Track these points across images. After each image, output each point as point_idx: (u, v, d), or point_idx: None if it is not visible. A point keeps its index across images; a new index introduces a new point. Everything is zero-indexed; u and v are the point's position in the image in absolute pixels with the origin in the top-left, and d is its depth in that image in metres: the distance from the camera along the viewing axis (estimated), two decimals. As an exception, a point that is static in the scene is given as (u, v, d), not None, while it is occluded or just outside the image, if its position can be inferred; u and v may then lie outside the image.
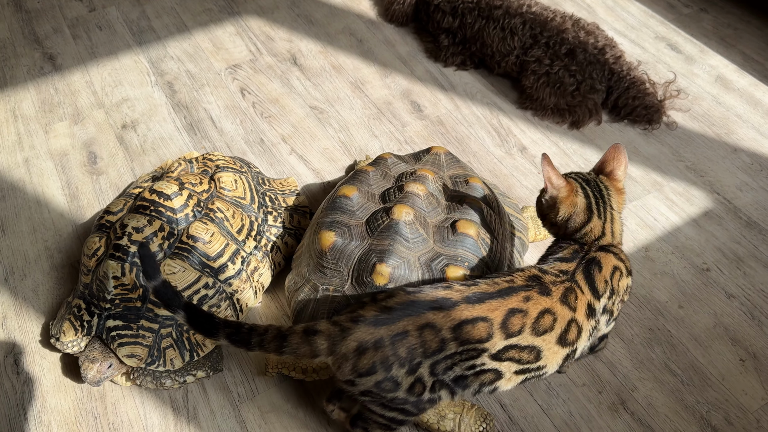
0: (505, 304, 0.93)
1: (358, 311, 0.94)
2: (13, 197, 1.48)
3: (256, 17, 1.96)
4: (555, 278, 0.98)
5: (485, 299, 0.93)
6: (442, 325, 0.91)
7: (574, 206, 1.04)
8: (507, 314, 0.93)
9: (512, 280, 0.97)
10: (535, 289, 0.95)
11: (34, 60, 1.82)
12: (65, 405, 1.16)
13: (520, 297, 0.94)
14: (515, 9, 1.69)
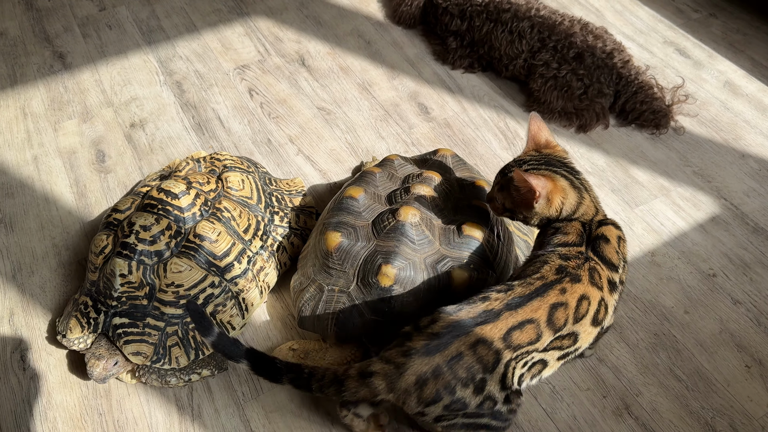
0: (545, 302, 0.93)
1: (407, 344, 0.93)
2: (21, 194, 1.49)
3: (265, 18, 1.97)
4: (578, 262, 0.97)
5: (525, 302, 0.93)
6: (492, 338, 0.91)
7: (564, 191, 1.03)
8: (550, 311, 0.93)
9: (543, 276, 0.96)
10: (567, 279, 0.95)
11: (44, 58, 1.83)
12: (71, 401, 1.16)
13: (556, 291, 0.94)
14: (523, 12, 1.70)
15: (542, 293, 0.94)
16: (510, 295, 0.94)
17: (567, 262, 0.97)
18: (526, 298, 0.94)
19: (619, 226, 1.05)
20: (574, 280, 0.96)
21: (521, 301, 0.93)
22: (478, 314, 0.93)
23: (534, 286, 0.95)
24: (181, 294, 1.12)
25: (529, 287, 0.95)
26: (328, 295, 1.16)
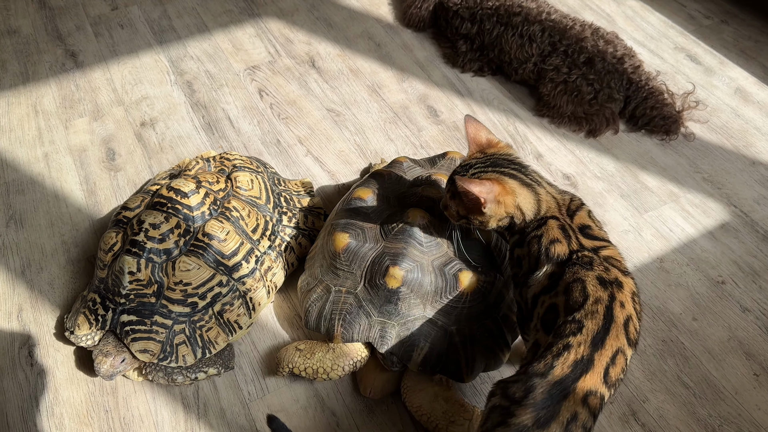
0: (618, 324, 0.88)
1: (510, 421, 0.83)
2: (32, 191, 1.50)
3: (276, 19, 1.98)
4: (599, 264, 0.93)
5: (605, 334, 0.87)
6: (596, 385, 0.84)
7: (514, 192, 0.99)
8: (625, 330, 0.88)
9: (597, 299, 0.89)
10: (613, 286, 0.91)
11: (56, 56, 1.85)
12: (77, 398, 1.17)
13: (618, 306, 0.89)
14: (534, 16, 1.69)
15: (611, 317, 0.88)
16: (588, 334, 0.87)
17: (594, 268, 0.93)
18: (603, 330, 0.87)
19: (581, 202, 1.02)
20: (617, 285, 0.91)
21: (602, 335, 0.87)
22: (573, 367, 0.84)
23: (601, 314, 0.88)
24: (189, 292, 1.12)
25: (597, 317, 0.88)
26: (335, 295, 1.16)
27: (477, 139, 1.08)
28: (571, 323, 0.88)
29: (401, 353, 1.10)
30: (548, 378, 0.83)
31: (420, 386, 1.12)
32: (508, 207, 0.99)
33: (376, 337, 1.11)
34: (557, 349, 0.86)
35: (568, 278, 0.93)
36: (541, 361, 0.85)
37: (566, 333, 0.87)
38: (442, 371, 1.10)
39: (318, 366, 1.13)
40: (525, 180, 1.01)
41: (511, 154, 1.06)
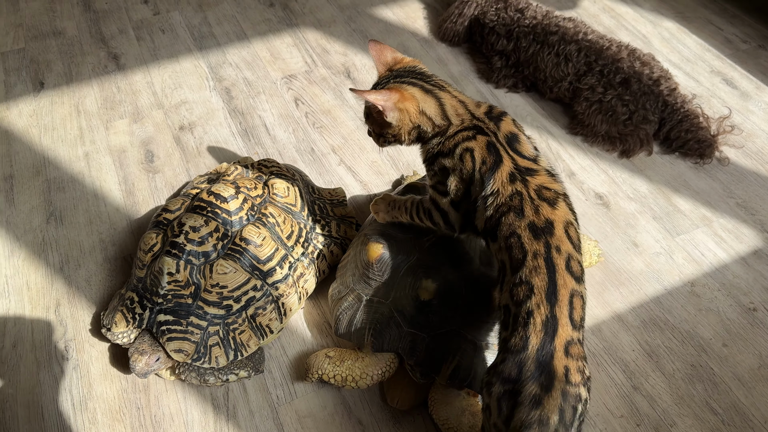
0: (561, 272, 0.91)
1: (520, 399, 0.85)
2: (72, 189, 1.54)
3: (314, 30, 2.01)
4: (529, 204, 0.94)
5: (555, 289, 0.89)
6: (569, 335, 0.88)
7: (414, 98, 1.00)
8: (569, 272, 0.91)
9: (535, 252, 0.91)
10: (545, 237, 0.92)
11: (99, 58, 1.89)
12: (110, 394, 1.19)
13: (555, 255, 0.91)
14: (571, 36, 1.70)
15: (552, 267, 0.90)
16: (540, 293, 0.89)
17: (526, 213, 0.93)
18: (551, 283, 0.89)
19: (501, 111, 1.03)
20: (548, 231, 0.92)
21: (552, 288, 0.89)
22: (544, 329, 0.87)
23: (543, 268, 0.90)
24: (225, 295, 1.15)
25: (541, 272, 0.90)
26: (366, 305, 1.18)
27: (383, 59, 1.09)
28: (520, 285, 0.91)
29: (430, 365, 1.11)
30: (529, 349, 0.87)
31: (448, 399, 1.12)
32: (412, 115, 1.00)
33: (406, 348, 1.12)
34: (523, 319, 0.89)
35: (505, 231, 0.94)
36: (516, 336, 0.89)
37: (522, 298, 0.90)
38: (471, 385, 1.11)
39: (347, 374, 1.15)
40: (426, 87, 1.02)
41: (416, 65, 1.08)
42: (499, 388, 0.88)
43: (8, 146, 1.63)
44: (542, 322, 0.88)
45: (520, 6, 1.82)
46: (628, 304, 1.34)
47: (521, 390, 0.86)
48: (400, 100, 1.00)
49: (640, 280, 1.38)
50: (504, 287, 0.94)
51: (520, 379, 0.86)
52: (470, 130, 1.00)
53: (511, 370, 0.87)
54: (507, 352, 0.89)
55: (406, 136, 1.04)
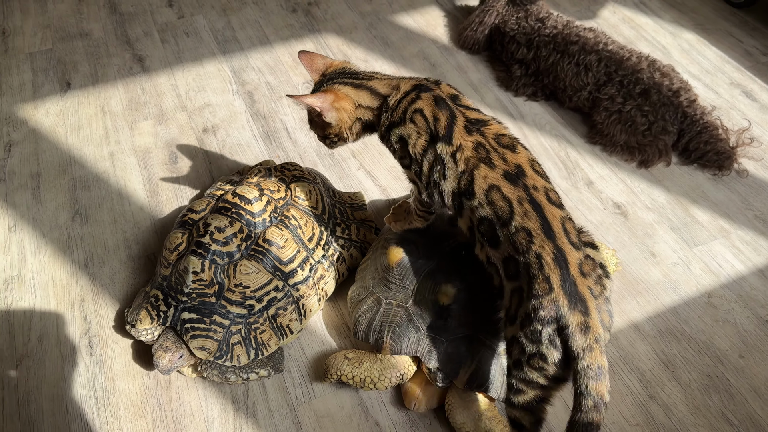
0: (546, 206, 0.97)
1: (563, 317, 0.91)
2: (97, 188, 1.57)
3: (335, 36, 2.03)
4: (495, 154, 0.99)
5: (548, 225, 0.95)
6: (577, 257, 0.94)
7: (347, 96, 1.07)
8: (549, 202, 0.98)
9: (519, 198, 0.96)
10: (521, 180, 0.98)
11: (124, 60, 1.93)
12: (133, 389, 1.22)
13: (535, 193, 0.97)
14: (591, 46, 1.71)
15: (538, 206, 0.96)
16: (539, 233, 0.94)
17: (495, 164, 0.98)
18: (543, 221, 0.95)
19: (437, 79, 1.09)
20: (521, 173, 0.98)
21: (546, 226, 0.94)
22: (557, 263, 0.92)
23: (531, 210, 0.95)
24: (248, 295, 1.17)
25: (531, 215, 0.95)
26: (385, 308, 1.20)
27: (314, 66, 1.16)
28: (518, 233, 0.95)
29: (448, 369, 1.12)
30: (555, 288, 0.91)
31: (465, 404, 1.13)
32: (348, 111, 1.09)
33: (424, 352, 1.14)
34: (536, 263, 0.93)
35: (482, 186, 0.98)
36: (538, 281, 0.92)
37: (526, 244, 0.94)
38: (488, 390, 1.12)
39: (366, 375, 1.16)
40: (356, 82, 1.09)
41: (345, 66, 1.14)
42: (547, 331, 0.92)
43: (35, 145, 1.67)
44: (553, 260, 0.93)
45: (541, 15, 1.84)
46: (644, 313, 1.34)
47: (568, 324, 0.91)
48: (335, 100, 1.08)
49: (657, 289, 1.38)
50: (501, 240, 0.97)
51: (563, 315, 0.91)
52: (411, 92, 1.05)
53: (550, 311, 0.91)
54: (537, 298, 0.92)
55: (348, 133, 1.13)
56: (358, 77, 1.11)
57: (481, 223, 0.99)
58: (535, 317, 0.92)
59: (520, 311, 0.95)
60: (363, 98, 1.09)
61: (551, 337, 0.92)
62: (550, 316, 0.92)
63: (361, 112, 1.10)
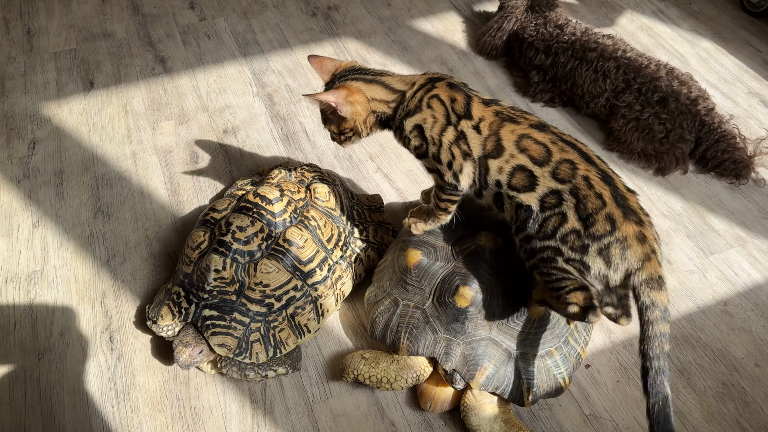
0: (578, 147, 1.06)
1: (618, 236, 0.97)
2: (119, 186, 1.59)
3: (354, 40, 2.05)
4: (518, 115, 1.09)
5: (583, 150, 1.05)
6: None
7: (360, 90, 1.12)
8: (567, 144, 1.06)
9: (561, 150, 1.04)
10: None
11: (146, 61, 1.96)
12: (152, 385, 1.24)
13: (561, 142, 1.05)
14: (610, 53, 1.72)
15: (570, 142, 1.05)
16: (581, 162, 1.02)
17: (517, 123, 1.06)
18: (578, 152, 1.03)
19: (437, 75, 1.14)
20: (546, 127, 1.07)
21: (582, 154, 1.03)
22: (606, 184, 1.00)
23: (565, 145, 1.04)
24: (267, 293, 1.19)
25: (567, 149, 1.03)
26: (402, 309, 1.21)
27: (325, 68, 1.20)
28: (561, 164, 1.01)
29: (464, 372, 1.13)
30: (607, 203, 0.98)
31: (480, 406, 1.14)
32: (362, 104, 1.13)
33: (441, 353, 1.15)
34: (585, 183, 0.99)
35: (512, 138, 1.04)
36: (589, 200, 0.98)
37: (570, 173, 1.00)
38: (504, 393, 1.13)
39: (382, 375, 1.17)
40: (367, 78, 1.15)
41: (354, 65, 1.19)
42: (597, 245, 0.97)
43: (59, 142, 1.70)
44: (601, 179, 1.00)
45: (560, 22, 1.85)
46: (660, 320, 1.35)
47: (626, 236, 0.96)
48: (348, 95, 1.12)
49: (673, 297, 1.39)
50: (539, 180, 1.02)
51: (618, 227, 0.96)
52: (426, 84, 1.11)
53: (605, 225, 0.96)
54: (588, 218, 0.97)
55: (363, 127, 1.17)
56: (369, 73, 1.16)
57: (513, 175, 1.04)
58: (586, 232, 0.97)
59: (563, 228, 0.99)
60: (376, 92, 1.14)
61: (603, 249, 0.97)
62: (604, 230, 0.96)
63: (375, 105, 1.14)
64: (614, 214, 0.97)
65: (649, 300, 0.95)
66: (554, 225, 1.00)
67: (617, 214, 0.97)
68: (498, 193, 1.06)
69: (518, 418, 1.19)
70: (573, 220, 0.98)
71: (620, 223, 0.97)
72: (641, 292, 0.95)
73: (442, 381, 1.18)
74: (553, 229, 1.00)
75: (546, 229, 1.00)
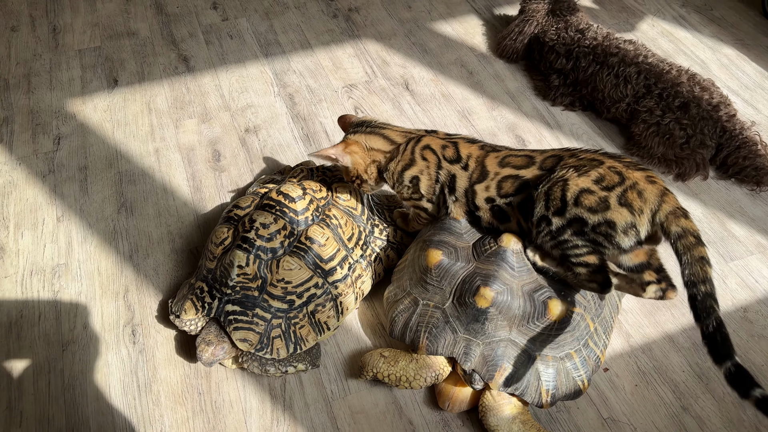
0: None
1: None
2: (142, 182, 1.62)
3: (374, 42, 2.07)
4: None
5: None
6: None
7: (357, 143, 1.25)
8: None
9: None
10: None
11: (170, 60, 1.98)
12: (174, 378, 1.25)
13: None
14: (631, 58, 1.72)
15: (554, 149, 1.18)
16: (569, 151, 1.15)
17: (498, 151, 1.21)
18: (564, 149, 1.17)
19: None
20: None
21: (570, 149, 1.16)
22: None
23: (549, 150, 1.18)
24: (289, 290, 1.20)
25: (549, 151, 1.17)
26: (422, 308, 1.22)
27: (345, 126, 1.34)
28: (547, 159, 1.14)
29: (483, 372, 1.14)
30: (623, 172, 1.05)
31: (498, 407, 1.15)
32: (360, 154, 1.25)
33: (460, 353, 1.16)
34: (595, 163, 1.07)
35: (494, 162, 1.18)
36: (607, 176, 1.05)
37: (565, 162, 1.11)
38: (523, 394, 1.14)
39: (401, 374, 1.18)
40: (368, 129, 1.27)
41: (363, 119, 1.31)
42: (614, 194, 1.03)
43: (84, 138, 1.73)
44: (588, 160, 1.08)
45: (581, 27, 1.85)
46: (679, 325, 1.35)
47: (636, 181, 1.03)
48: (346, 146, 1.26)
49: (692, 302, 1.38)
50: (526, 177, 1.13)
51: (626, 176, 1.04)
52: (418, 138, 1.25)
53: (612, 177, 1.04)
54: (591, 172, 1.05)
55: (366, 175, 1.28)
56: (371, 125, 1.29)
57: (500, 187, 1.15)
58: (599, 186, 1.03)
59: (569, 193, 1.04)
60: (374, 142, 1.26)
61: (619, 196, 1.01)
62: (614, 181, 1.02)
63: (374, 154, 1.26)
64: (616, 167, 1.04)
65: (679, 229, 0.97)
66: (561, 191, 1.05)
67: (619, 167, 1.05)
68: (495, 207, 1.17)
69: (536, 419, 1.19)
70: (578, 180, 1.04)
71: (626, 172, 1.04)
72: (669, 225, 0.98)
73: (461, 381, 1.18)
74: (562, 195, 1.04)
75: (554, 200, 1.06)
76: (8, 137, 1.73)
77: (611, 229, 1.01)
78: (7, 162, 1.67)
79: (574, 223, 1.04)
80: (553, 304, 1.13)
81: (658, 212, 1.00)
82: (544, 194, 1.07)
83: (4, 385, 1.25)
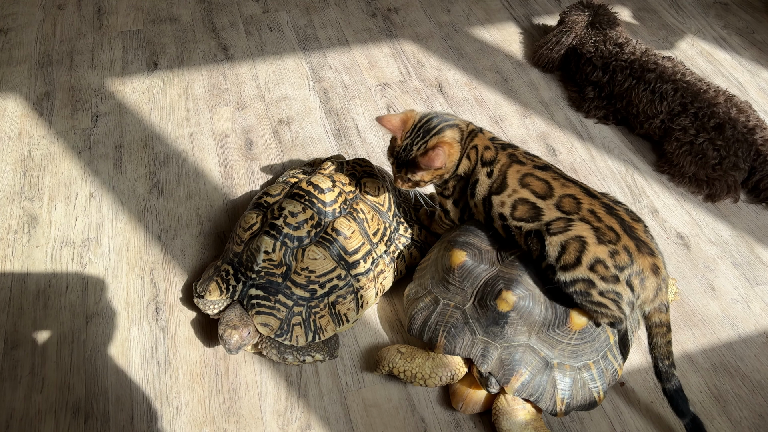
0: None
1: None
2: (175, 164, 1.65)
3: (411, 43, 2.08)
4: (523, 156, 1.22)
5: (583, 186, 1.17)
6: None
7: (454, 141, 1.21)
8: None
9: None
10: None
11: (209, 47, 2.02)
12: (193, 357, 1.28)
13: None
14: (668, 75, 1.71)
15: (575, 181, 1.17)
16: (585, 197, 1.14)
17: (523, 164, 1.19)
18: (582, 187, 1.16)
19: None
20: (550, 167, 1.21)
21: (586, 190, 1.16)
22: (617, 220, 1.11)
23: (570, 183, 1.16)
24: (312, 279, 1.21)
25: (568, 186, 1.15)
26: (442, 308, 1.22)
27: (395, 125, 1.24)
28: (564, 198, 1.13)
29: (500, 375, 1.14)
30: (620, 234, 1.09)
31: (512, 411, 1.15)
32: (454, 155, 1.22)
33: (477, 355, 1.16)
34: (593, 218, 1.10)
35: (515, 177, 1.17)
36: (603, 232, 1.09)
37: (575, 206, 1.11)
38: (537, 401, 1.14)
39: (417, 371, 1.19)
40: (447, 124, 1.23)
41: (425, 115, 1.24)
42: (624, 274, 1.06)
43: (121, 118, 1.76)
44: (606, 213, 1.10)
45: (620, 41, 1.85)
46: (699, 345, 1.34)
47: (643, 269, 1.07)
48: (448, 149, 1.21)
49: (714, 324, 1.37)
50: (543, 211, 1.12)
51: (635, 260, 1.06)
52: (471, 135, 1.24)
53: (624, 257, 1.06)
54: (610, 244, 1.07)
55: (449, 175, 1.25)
56: (439, 117, 1.24)
57: (515, 208, 1.15)
58: (610, 263, 1.06)
59: (585, 257, 1.06)
60: (456, 136, 1.23)
61: (627, 279, 1.06)
62: (624, 262, 1.05)
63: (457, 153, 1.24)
64: (629, 247, 1.06)
65: (658, 320, 1.10)
66: (577, 253, 1.07)
67: (632, 247, 1.07)
68: (505, 226, 1.18)
69: (548, 427, 1.19)
70: (597, 248, 1.07)
71: (636, 255, 1.06)
72: (652, 316, 1.10)
73: (476, 383, 1.19)
74: (578, 257, 1.07)
75: (569, 254, 1.08)
76: (48, 111, 1.78)
77: (618, 297, 1.08)
78: (45, 135, 1.71)
79: (581, 282, 1.08)
80: (575, 314, 1.13)
81: (649, 304, 1.09)
82: (560, 246, 1.09)
83: (28, 351, 1.28)
